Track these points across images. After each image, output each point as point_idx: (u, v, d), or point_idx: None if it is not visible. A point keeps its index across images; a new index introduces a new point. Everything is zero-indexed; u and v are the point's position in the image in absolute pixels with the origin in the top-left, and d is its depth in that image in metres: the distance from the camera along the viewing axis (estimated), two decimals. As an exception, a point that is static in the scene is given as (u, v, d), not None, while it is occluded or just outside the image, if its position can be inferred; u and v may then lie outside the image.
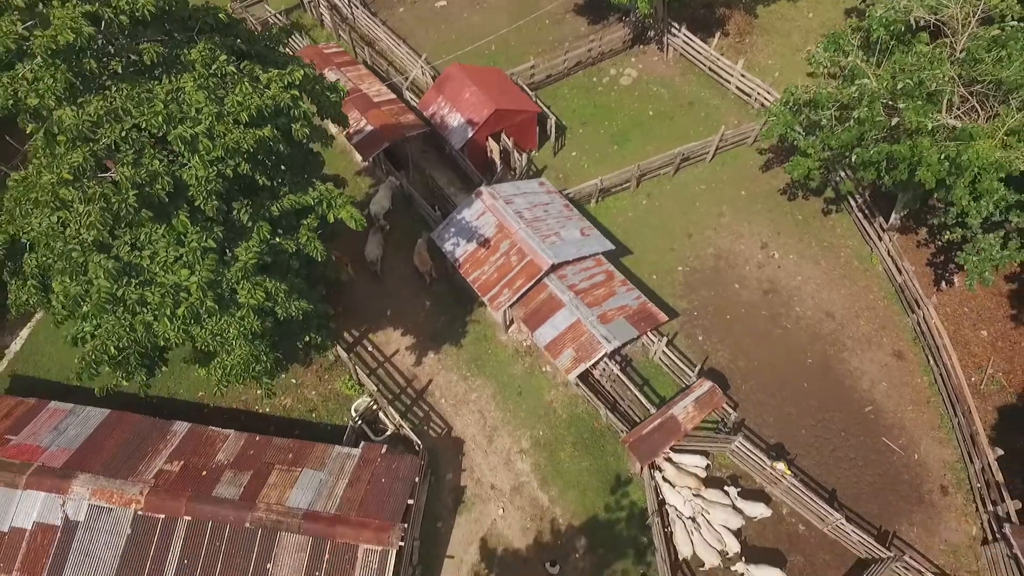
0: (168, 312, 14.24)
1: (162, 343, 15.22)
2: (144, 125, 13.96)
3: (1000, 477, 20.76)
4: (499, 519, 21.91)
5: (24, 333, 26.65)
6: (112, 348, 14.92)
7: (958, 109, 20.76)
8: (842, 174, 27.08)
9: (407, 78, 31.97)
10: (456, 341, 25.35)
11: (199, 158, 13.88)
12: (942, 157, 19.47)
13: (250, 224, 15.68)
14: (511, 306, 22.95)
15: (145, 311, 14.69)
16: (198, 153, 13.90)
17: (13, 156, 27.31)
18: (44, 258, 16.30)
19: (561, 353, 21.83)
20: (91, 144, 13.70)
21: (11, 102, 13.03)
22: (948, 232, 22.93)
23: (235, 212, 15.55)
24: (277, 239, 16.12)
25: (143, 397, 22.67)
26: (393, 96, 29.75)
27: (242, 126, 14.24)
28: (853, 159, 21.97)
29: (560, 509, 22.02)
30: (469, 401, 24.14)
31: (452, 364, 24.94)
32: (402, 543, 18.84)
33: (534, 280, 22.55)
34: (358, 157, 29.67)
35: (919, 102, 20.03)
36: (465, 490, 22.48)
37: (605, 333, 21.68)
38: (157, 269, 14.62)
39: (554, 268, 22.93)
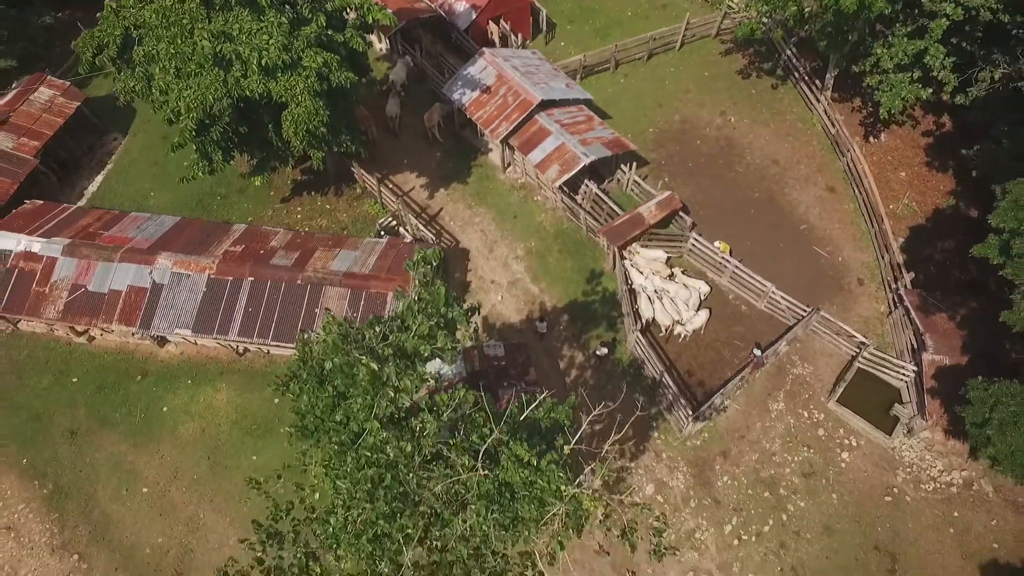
0: (255, 63, 19.22)
1: (248, 93, 20.14)
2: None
3: (901, 260, 25.84)
4: (498, 303, 26.92)
5: (99, 179, 31.64)
6: (210, 97, 19.81)
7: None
8: (783, 43, 32.21)
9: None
10: (462, 180, 30.36)
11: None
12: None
13: (310, 16, 20.69)
14: (508, 136, 27.94)
15: (235, 67, 19.68)
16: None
17: None
18: (150, 48, 21.22)
19: (549, 168, 26.85)
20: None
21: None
22: (868, 78, 27.90)
23: (299, 5, 20.58)
24: (329, 32, 21.12)
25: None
26: (407, -10, 34.77)
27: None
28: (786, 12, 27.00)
29: (548, 296, 27.03)
30: (473, 223, 29.13)
31: (459, 197, 29.96)
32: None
33: (527, 113, 27.56)
34: (378, 44, 34.72)
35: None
36: (470, 284, 27.46)
37: (584, 151, 26.71)
38: (244, 37, 19.61)
39: (543, 106, 27.94)
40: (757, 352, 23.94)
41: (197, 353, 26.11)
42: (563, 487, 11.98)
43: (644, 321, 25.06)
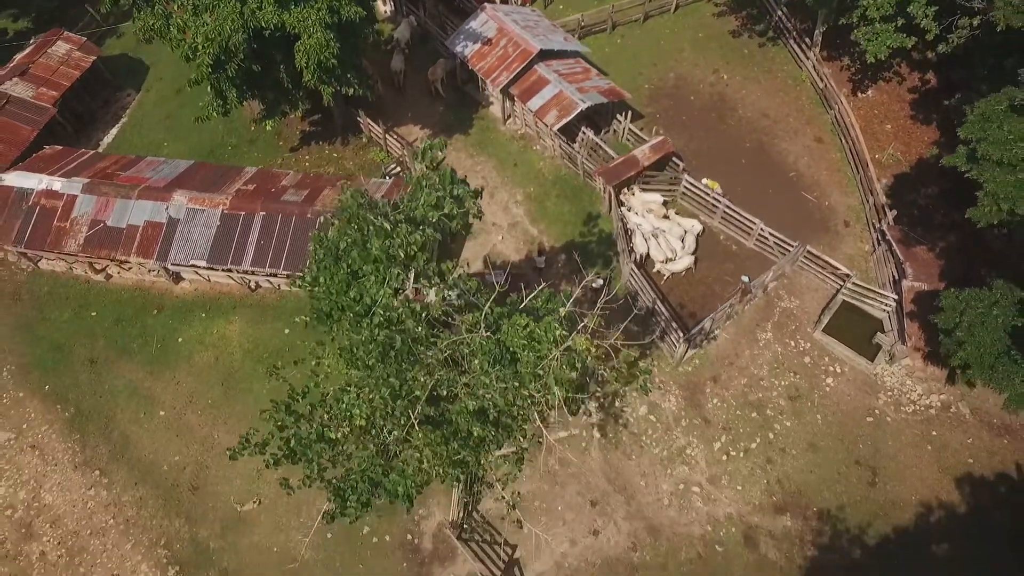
0: (269, -7, 20.40)
1: (263, 24, 21.30)
2: None
3: (885, 201, 27.02)
4: (499, 243, 28.10)
5: (113, 131, 32.83)
6: (227, 28, 20.97)
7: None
8: (774, 4, 33.41)
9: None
10: (464, 131, 31.54)
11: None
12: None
13: (320, -46, 21.86)
14: (508, 85, 29.11)
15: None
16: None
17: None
18: (169, -14, 22.39)
19: (548, 113, 28.02)
20: None
21: None
22: (856, 31, 29.04)
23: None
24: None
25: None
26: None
27: None
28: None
29: (546, 237, 28.21)
30: (475, 171, 30.29)
31: (461, 147, 31.13)
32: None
33: (526, 62, 28.74)
34: (382, 7, 35.93)
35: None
36: (472, 226, 28.62)
37: (581, 98, 27.89)
38: (259, -32, 20.77)
39: (542, 56, 29.12)
40: (745, 279, 25.13)
41: (211, 289, 27.28)
42: (560, 332, 13.12)
43: (639, 255, 26.23)
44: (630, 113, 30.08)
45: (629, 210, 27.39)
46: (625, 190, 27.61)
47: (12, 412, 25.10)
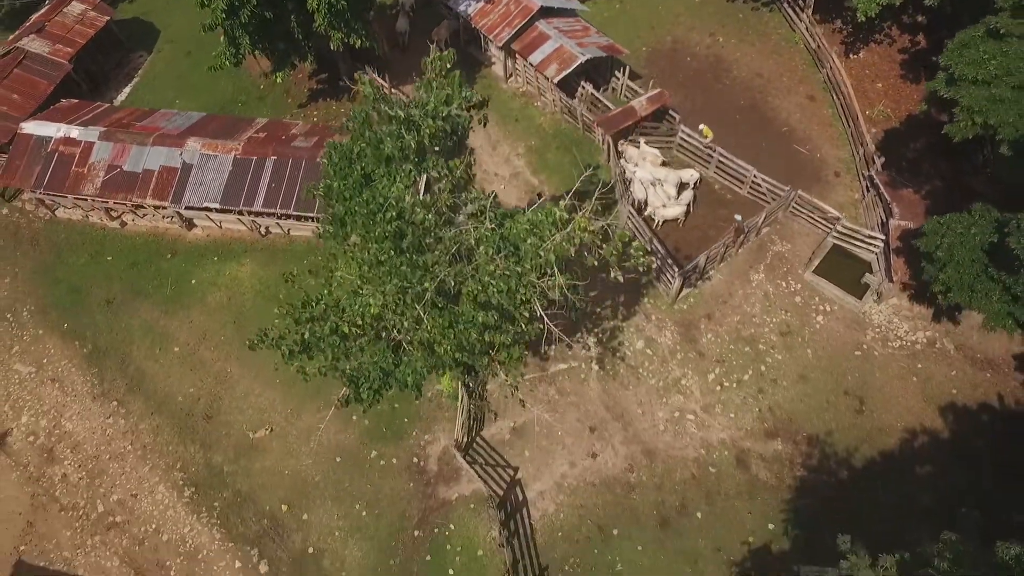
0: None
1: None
2: None
3: (873, 148, 28.01)
4: (501, 191, 29.04)
5: (126, 90, 33.80)
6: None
7: None
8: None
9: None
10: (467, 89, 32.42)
11: None
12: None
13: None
14: (510, 41, 30.09)
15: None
16: None
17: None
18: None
19: (548, 67, 29.00)
20: None
21: None
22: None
23: None
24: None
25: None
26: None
27: None
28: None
29: (547, 187, 29.18)
30: (477, 125, 31.15)
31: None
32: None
33: (528, 18, 29.73)
34: (387, -27, 36.89)
35: None
36: (475, 176, 29.44)
37: (581, 51, 28.87)
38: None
39: (543, 13, 30.10)
40: (738, 217, 26.09)
41: (222, 235, 28.24)
42: (560, 215, 14.08)
43: (636, 201, 27.20)
44: (627, 69, 31.05)
45: (627, 161, 28.33)
46: (622, 141, 28.57)
47: (32, 348, 26.07)
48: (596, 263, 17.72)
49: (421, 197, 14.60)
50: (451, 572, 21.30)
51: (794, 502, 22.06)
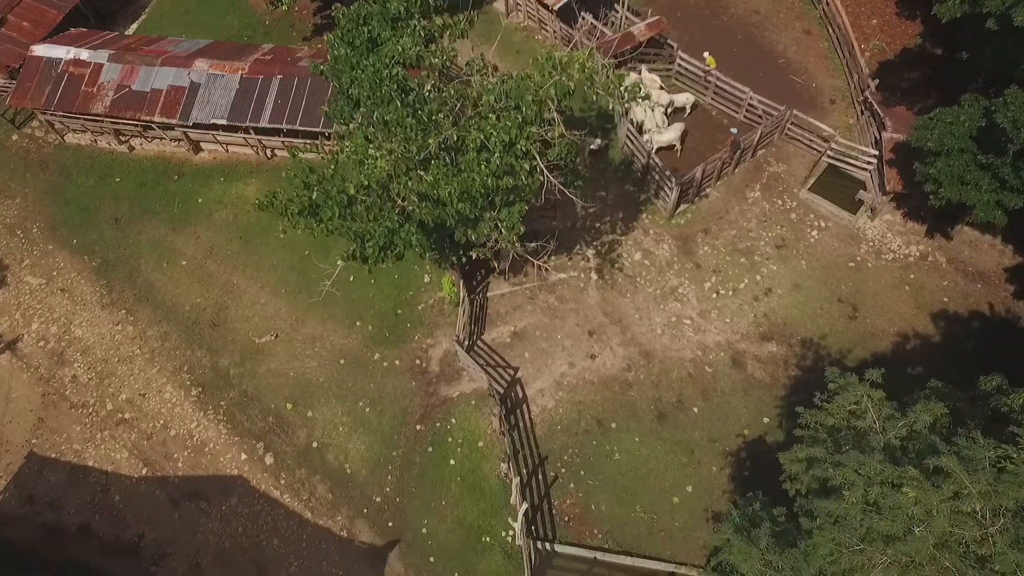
0: None
1: None
2: None
3: (868, 72, 28.50)
4: (502, 117, 29.53)
5: (134, 26, 34.28)
6: None
7: None
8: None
9: None
10: (469, 24, 32.96)
11: None
12: None
13: None
14: (511, -28, 30.59)
15: None
16: None
17: None
18: None
19: (549, -6, 29.52)
20: None
21: None
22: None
23: None
24: None
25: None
26: None
27: None
28: None
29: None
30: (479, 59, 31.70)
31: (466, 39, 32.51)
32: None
33: (529, -51, 30.22)
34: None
35: None
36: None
37: (581, -21, 29.36)
38: None
39: (544, -55, 30.61)
40: (734, 131, 26.57)
41: (229, 158, 28.77)
42: (560, 56, 14.60)
43: (636, 122, 27.71)
44: (627, 2, 31.54)
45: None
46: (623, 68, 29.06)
47: (42, 262, 26.60)
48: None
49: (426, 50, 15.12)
50: (452, 462, 21.81)
51: (788, 398, 22.54)
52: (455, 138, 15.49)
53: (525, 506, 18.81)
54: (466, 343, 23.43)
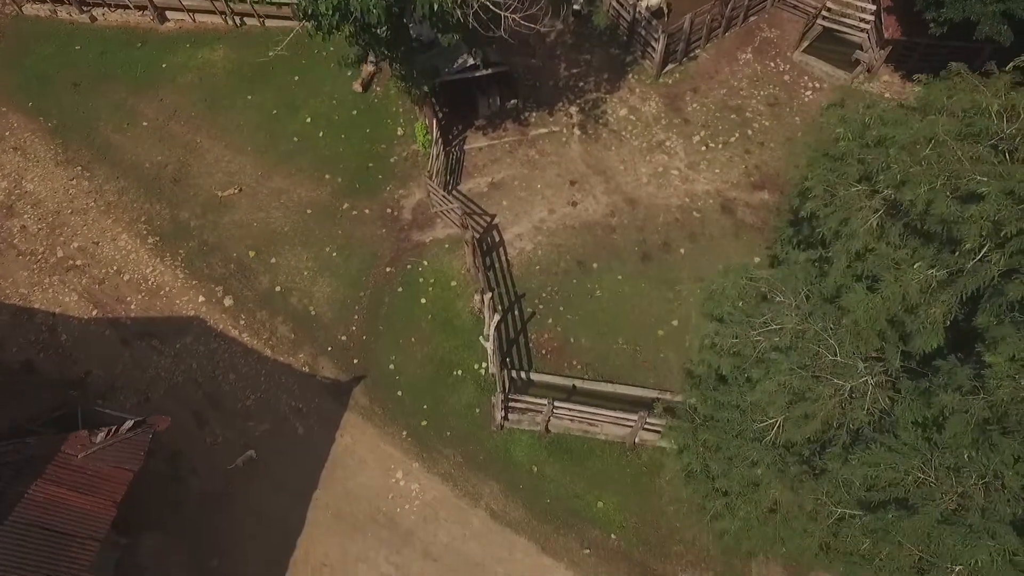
0: None
1: None
2: None
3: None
4: (483, -12, 28.25)
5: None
6: None
7: None
8: None
9: None
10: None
11: None
12: None
13: None
14: None
15: None
16: None
17: None
18: None
19: None
20: None
21: None
22: None
23: None
24: None
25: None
26: None
27: None
28: None
29: None
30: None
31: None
32: None
33: None
34: None
35: None
36: (457, -23, 28.77)
37: None
38: None
39: None
40: (725, -20, 25.34)
41: (196, 27, 27.40)
42: None
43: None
44: None
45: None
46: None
47: (-5, 123, 25.18)
48: None
49: None
50: (423, 300, 20.48)
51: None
52: None
53: (497, 318, 17.44)
54: (439, 180, 22.07)
